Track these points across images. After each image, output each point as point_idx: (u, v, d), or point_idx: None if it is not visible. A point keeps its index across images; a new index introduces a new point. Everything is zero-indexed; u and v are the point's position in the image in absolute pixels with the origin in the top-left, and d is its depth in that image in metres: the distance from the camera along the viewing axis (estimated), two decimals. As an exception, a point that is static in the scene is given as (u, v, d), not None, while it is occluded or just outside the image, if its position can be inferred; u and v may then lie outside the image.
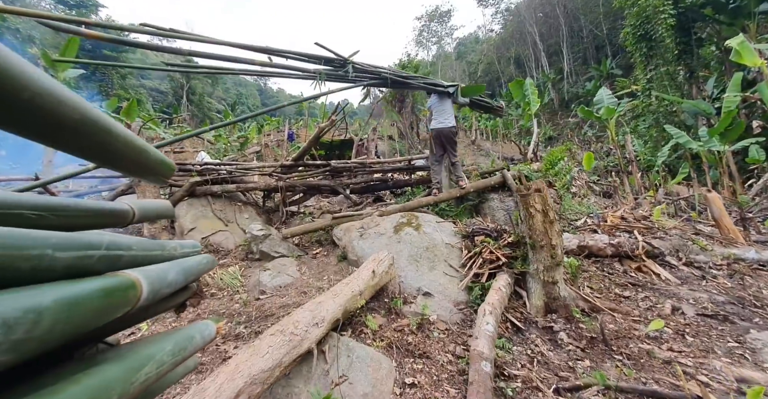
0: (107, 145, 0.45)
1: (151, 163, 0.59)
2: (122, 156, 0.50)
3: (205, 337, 0.73)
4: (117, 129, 0.46)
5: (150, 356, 0.51)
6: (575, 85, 40.64)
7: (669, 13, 12.70)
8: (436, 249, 3.44)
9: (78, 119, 0.37)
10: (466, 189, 4.97)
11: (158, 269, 0.60)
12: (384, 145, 18.62)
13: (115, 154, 0.48)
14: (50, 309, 0.32)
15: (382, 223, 3.97)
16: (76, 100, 0.37)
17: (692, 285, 3.36)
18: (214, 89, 67.92)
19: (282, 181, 5.21)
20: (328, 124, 4.67)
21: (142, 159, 0.55)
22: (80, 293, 0.37)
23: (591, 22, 43.70)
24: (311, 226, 4.40)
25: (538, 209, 2.83)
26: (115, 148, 0.46)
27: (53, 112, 0.34)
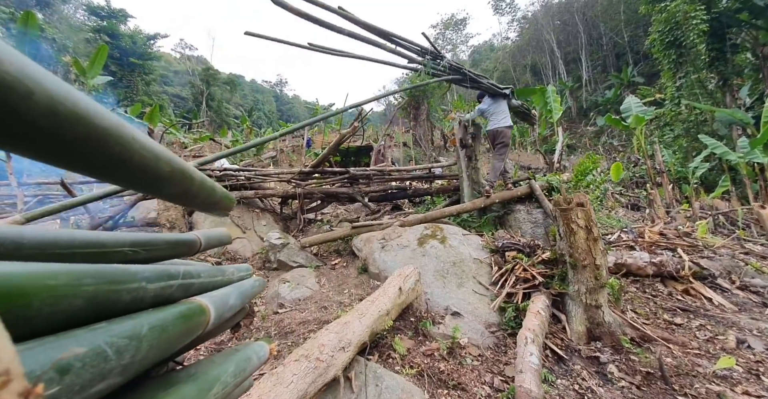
0: (188, 190, 0.51)
1: (218, 199, 0.64)
2: (197, 196, 0.56)
3: (261, 358, 0.77)
4: (195, 174, 0.52)
5: (216, 377, 0.55)
6: (594, 93, 39.78)
7: (701, 19, 12.20)
8: (463, 264, 3.22)
9: (169, 171, 0.43)
10: (491, 198, 4.74)
11: (221, 294, 0.64)
12: (398, 153, 18.51)
13: (193, 195, 0.54)
14: (147, 336, 0.36)
15: (404, 234, 3.78)
16: (168, 155, 0.42)
17: (752, 313, 3.03)
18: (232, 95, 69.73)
19: (300, 188, 5.10)
20: (350, 130, 4.54)
21: (211, 196, 0.61)
22: (166, 320, 0.42)
23: (611, 30, 42.93)
24: (330, 235, 4.26)
25: (581, 225, 2.59)
26: (193, 191, 0.53)
27: (153, 168, 0.40)
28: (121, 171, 0.36)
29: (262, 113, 74.17)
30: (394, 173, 5.81)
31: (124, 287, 0.39)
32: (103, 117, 0.32)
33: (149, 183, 0.42)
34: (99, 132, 0.31)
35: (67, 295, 0.32)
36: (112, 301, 0.38)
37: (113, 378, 0.31)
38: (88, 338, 0.31)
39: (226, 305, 0.63)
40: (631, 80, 33.16)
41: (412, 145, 18.13)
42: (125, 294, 0.39)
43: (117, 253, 0.55)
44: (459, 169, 5.44)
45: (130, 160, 0.36)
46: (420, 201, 6.41)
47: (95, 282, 0.36)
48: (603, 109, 34.03)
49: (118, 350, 0.32)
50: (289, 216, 5.46)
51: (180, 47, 71.98)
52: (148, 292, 0.43)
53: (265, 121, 65.79)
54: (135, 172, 0.38)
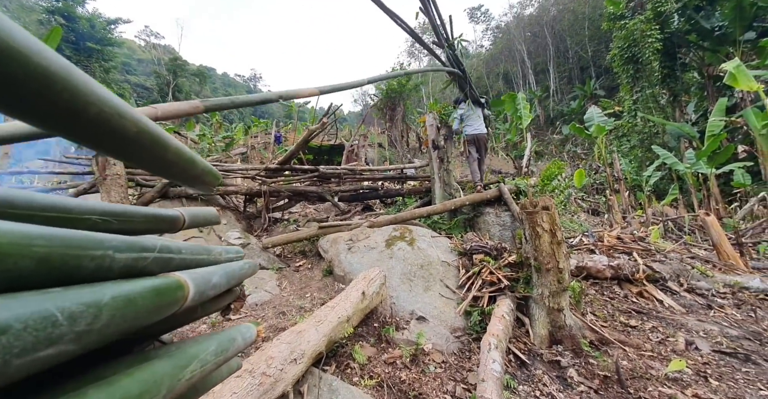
0: (161, 157, 0.49)
1: (198, 173, 0.62)
2: (173, 166, 0.54)
3: (246, 340, 0.77)
4: (169, 141, 0.50)
5: (194, 355, 0.55)
6: (560, 103, 41.91)
7: (656, 38, 13.13)
8: (431, 267, 3.15)
9: (136, 132, 0.41)
10: (461, 200, 4.74)
11: (204, 272, 0.62)
12: (373, 153, 18.40)
13: (167, 164, 0.52)
14: (108, 305, 0.35)
15: (372, 235, 3.66)
16: (135, 114, 0.40)
17: (699, 315, 3.19)
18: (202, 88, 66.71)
19: (266, 186, 4.84)
20: (318, 126, 4.36)
21: (190, 169, 0.59)
22: (135, 291, 0.40)
23: (577, 44, 45.50)
24: (295, 235, 4.05)
25: (546, 229, 2.59)
26: (167, 158, 0.51)
27: (115, 125, 0.37)
28: (75, 124, 0.33)
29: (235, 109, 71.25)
30: (365, 173, 5.68)
31: (86, 253, 0.37)
32: (46, 56, 0.28)
33: (112, 142, 0.39)
34: (40, 72, 0.28)
35: (11, 253, 0.30)
36: (71, 267, 0.36)
37: (65, 345, 0.30)
38: (35, 301, 0.30)
39: (209, 283, 0.61)
40: (593, 92, 35.25)
41: (388, 146, 18.09)
42: (87, 261, 0.38)
43: (84, 221, 0.51)
44: (431, 170, 5.41)
45: (84, 112, 0.33)
46: (391, 202, 6.33)
47: (48, 244, 0.33)
48: (568, 119, 35.90)
49: (71, 316, 0.31)
50: (254, 215, 5.17)
51: (145, 34, 67.73)
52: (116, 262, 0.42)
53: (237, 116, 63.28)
54: (91, 127, 0.35)
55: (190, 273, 0.57)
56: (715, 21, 13.42)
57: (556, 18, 47.77)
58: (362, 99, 70.01)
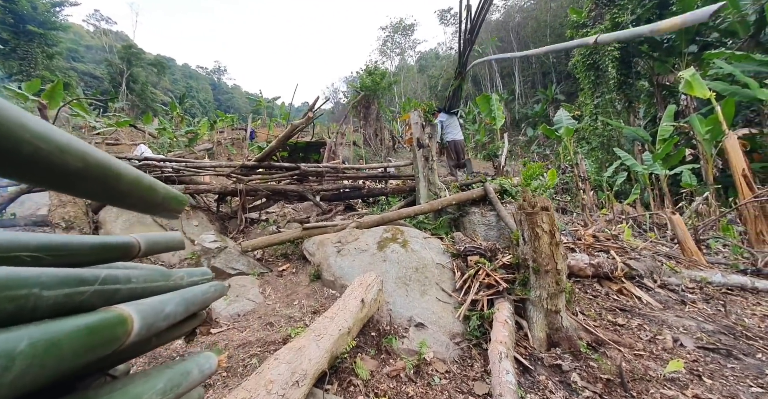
0: (113, 188, 0.46)
1: (159, 200, 0.59)
2: (129, 196, 0.51)
3: (204, 371, 0.71)
4: (124, 171, 0.47)
5: (137, 395, 0.50)
6: (525, 106, 43.91)
7: (614, 46, 14.01)
8: (426, 270, 3.04)
9: (81, 167, 0.38)
10: (448, 200, 4.69)
11: (155, 302, 0.59)
12: (348, 151, 18.11)
13: (122, 195, 0.49)
14: (24, 353, 0.32)
15: (362, 237, 3.49)
16: (79, 147, 0.38)
17: (675, 310, 3.35)
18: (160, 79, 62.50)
19: (242, 184, 4.49)
20: (303, 121, 4.09)
21: (149, 197, 0.56)
22: (60, 333, 0.36)
23: (541, 50, 47.63)
24: (277, 237, 3.78)
25: (546, 230, 2.57)
26: (121, 189, 0.48)
27: (56, 162, 0.35)
28: (7, 164, 0.31)
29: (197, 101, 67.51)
30: (348, 171, 5.48)
31: (3, 295, 0.34)
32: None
33: (53, 179, 0.37)
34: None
35: None
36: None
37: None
38: None
39: (160, 314, 0.58)
40: (554, 97, 37.26)
41: (363, 145, 17.89)
42: (5, 303, 0.34)
43: (9, 259, 0.46)
44: (415, 169, 5.32)
45: (16, 152, 0.31)
46: (374, 201, 6.17)
47: None
48: (532, 121, 37.70)
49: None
50: (228, 215, 4.79)
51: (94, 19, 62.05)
52: (43, 300, 0.38)
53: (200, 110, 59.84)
54: (27, 166, 0.33)
55: (137, 304, 0.53)
56: (664, 34, 14.62)
57: (520, 24, 49.92)
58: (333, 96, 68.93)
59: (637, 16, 14.38)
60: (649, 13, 14.65)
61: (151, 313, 0.54)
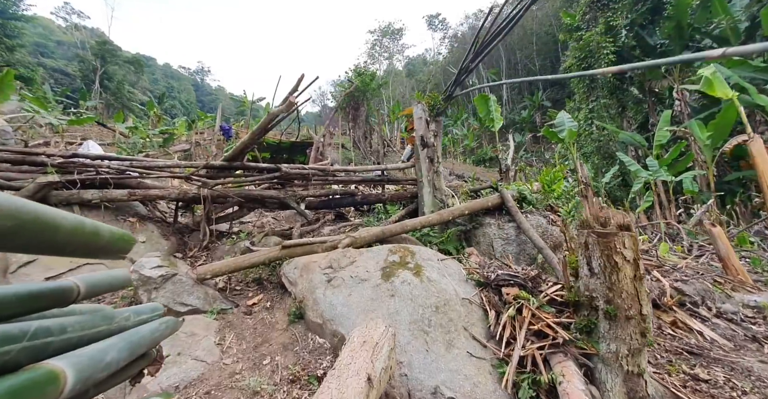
0: (51, 240, 0.45)
1: (104, 243, 0.57)
2: (69, 245, 0.49)
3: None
4: (61, 222, 0.46)
5: None
6: (512, 112, 44.24)
7: (610, 50, 13.75)
8: (449, 308, 2.23)
9: (12, 226, 0.37)
10: (459, 209, 3.92)
11: (93, 352, 0.56)
12: (336, 154, 17.22)
13: (61, 245, 0.48)
14: None
15: (360, 259, 2.65)
16: (10, 205, 0.37)
17: (750, 351, 2.66)
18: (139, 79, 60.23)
19: (208, 188, 3.59)
20: (282, 108, 3.22)
21: (91, 243, 0.54)
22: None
23: (526, 57, 48.68)
24: (247, 259, 2.89)
25: (627, 259, 1.81)
26: (59, 240, 0.46)
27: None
28: None
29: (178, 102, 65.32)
30: (339, 174, 4.64)
31: None
32: None
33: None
34: None
35: None
36: None
37: None
38: None
39: (100, 363, 0.54)
40: (541, 103, 37.63)
41: (352, 148, 17.05)
42: None
43: None
44: (417, 172, 4.54)
45: None
46: (369, 209, 5.35)
47: None
48: (519, 127, 37.87)
49: None
50: (189, 227, 3.86)
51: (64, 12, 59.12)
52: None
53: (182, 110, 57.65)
54: None
55: (72, 357, 0.51)
56: (657, 39, 14.52)
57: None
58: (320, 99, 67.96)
59: (631, 19, 14.23)
60: (642, 18, 14.54)
61: (89, 365, 0.51)
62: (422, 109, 4.43)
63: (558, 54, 43.49)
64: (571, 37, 16.32)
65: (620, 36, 14.68)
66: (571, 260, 2.17)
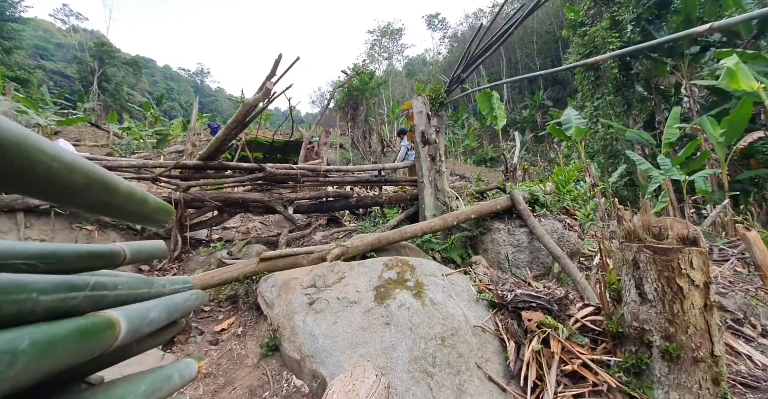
0: (111, 202, 0.50)
1: (150, 211, 0.62)
2: (124, 208, 0.54)
3: (184, 377, 0.73)
4: (120, 185, 0.50)
5: (122, 396, 0.53)
6: (512, 111, 43.90)
7: (616, 45, 13.33)
8: (458, 340, 1.79)
9: (85, 183, 0.42)
10: (465, 213, 3.48)
11: (140, 308, 0.61)
12: (334, 154, 16.80)
13: (118, 208, 0.53)
14: (26, 351, 0.34)
15: (350, 275, 2.22)
16: (83, 164, 0.42)
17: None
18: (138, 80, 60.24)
19: (180, 191, 3.16)
20: (260, 96, 2.78)
21: (141, 209, 0.59)
22: (56, 334, 0.39)
23: (527, 56, 48.39)
24: (216, 276, 2.46)
25: (696, 283, 1.37)
26: (117, 202, 0.51)
27: (65, 179, 0.39)
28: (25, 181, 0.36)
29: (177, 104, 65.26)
30: (332, 174, 4.21)
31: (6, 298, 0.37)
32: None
33: (58, 194, 0.42)
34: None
35: None
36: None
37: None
38: None
39: (145, 319, 0.60)
40: (542, 102, 37.27)
41: (350, 148, 16.62)
42: (8, 305, 0.37)
43: (8, 266, 0.51)
44: (418, 172, 4.10)
45: (32, 172, 0.35)
46: (365, 212, 4.92)
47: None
48: (520, 126, 37.48)
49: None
50: (160, 236, 3.43)
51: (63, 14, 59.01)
52: (40, 304, 0.41)
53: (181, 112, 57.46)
54: (40, 184, 0.37)
55: (124, 310, 0.56)
56: (664, 34, 14.07)
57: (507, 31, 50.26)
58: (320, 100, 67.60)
59: (638, 14, 13.79)
60: (648, 13, 14.10)
61: (137, 319, 0.56)
62: (423, 102, 4.00)
63: (558, 53, 43.21)
64: (574, 33, 15.88)
65: (626, 31, 14.26)
66: (611, 280, 1.73)
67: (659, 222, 1.50)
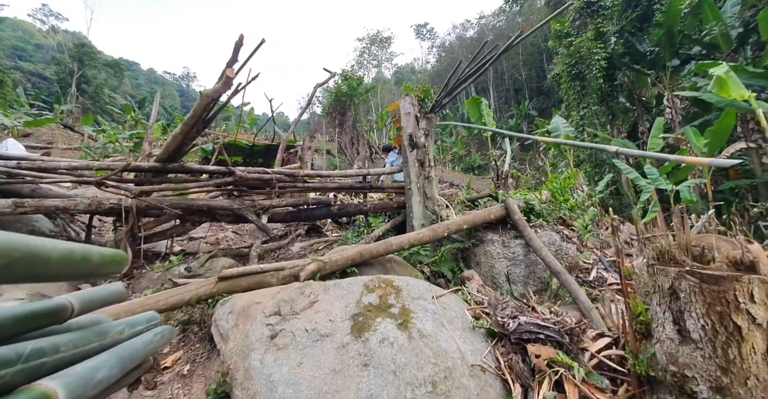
0: (41, 273, 0.48)
1: (93, 268, 0.59)
2: (59, 273, 0.52)
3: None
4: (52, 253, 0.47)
5: None
6: (499, 120, 44.57)
7: (601, 56, 13.53)
8: (453, 384, 1.45)
9: (6, 263, 0.40)
10: (457, 223, 3.18)
11: (85, 370, 0.58)
12: (321, 160, 16.43)
13: (52, 275, 0.51)
14: None
15: (323, 298, 1.86)
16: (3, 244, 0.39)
17: None
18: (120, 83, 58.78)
19: (132, 198, 2.75)
20: (220, 86, 2.40)
21: (81, 268, 0.57)
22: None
23: (512, 67, 49.60)
24: (163, 299, 2.05)
25: (758, 321, 1.08)
26: (50, 271, 0.49)
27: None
28: None
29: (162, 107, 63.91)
30: (311, 180, 3.85)
31: None
32: None
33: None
34: None
35: None
36: None
37: None
38: None
39: (90, 382, 0.56)
40: (527, 112, 38.07)
41: (337, 154, 16.28)
42: None
43: None
44: (405, 178, 3.79)
45: None
46: (348, 221, 4.56)
47: None
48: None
49: None
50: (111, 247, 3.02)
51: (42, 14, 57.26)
52: None
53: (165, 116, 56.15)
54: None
55: (65, 376, 0.53)
56: (646, 46, 14.41)
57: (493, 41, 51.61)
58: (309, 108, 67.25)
59: (621, 26, 14.09)
60: (631, 25, 14.43)
61: (80, 384, 0.53)
62: (411, 103, 3.71)
63: (543, 64, 44.38)
64: (560, 44, 16.13)
65: (609, 43, 14.54)
66: (636, 309, 1.42)
67: (700, 240, 1.21)
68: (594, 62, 13.48)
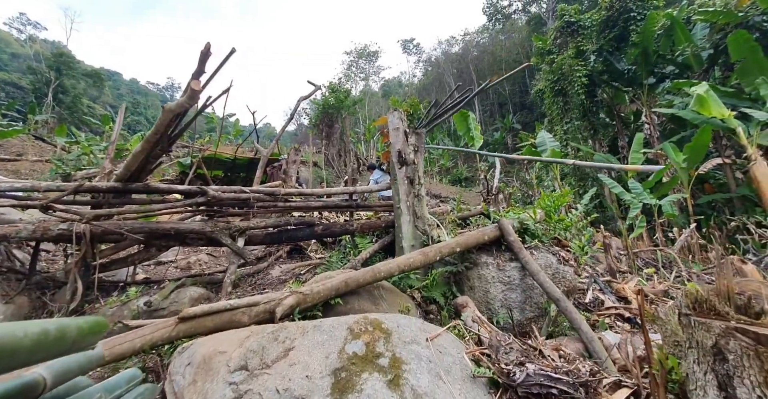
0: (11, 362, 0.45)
1: (71, 342, 0.56)
2: (32, 359, 0.49)
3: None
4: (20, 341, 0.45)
5: None
6: (484, 133, 45.46)
7: (582, 73, 13.95)
8: (455, 460, 1.18)
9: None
10: (449, 245, 2.96)
11: None
12: (308, 173, 16.12)
13: (23, 362, 0.48)
14: None
15: (300, 344, 1.59)
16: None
17: None
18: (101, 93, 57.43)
19: (85, 222, 2.42)
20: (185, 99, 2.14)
21: (58, 347, 0.54)
22: None
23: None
24: (108, 347, 1.73)
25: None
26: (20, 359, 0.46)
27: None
28: None
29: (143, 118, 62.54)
30: (294, 199, 3.58)
31: None
32: None
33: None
34: None
35: None
36: None
37: None
38: None
39: None
40: (512, 126, 39.07)
41: (324, 166, 16.03)
42: None
43: None
44: (394, 196, 3.58)
45: None
46: (334, 241, 4.29)
47: None
48: (492, 149, 38.83)
49: None
50: (58, 280, 2.61)
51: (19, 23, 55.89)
52: None
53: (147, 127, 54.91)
54: None
55: None
56: (624, 64, 15.00)
57: (478, 57, 53.37)
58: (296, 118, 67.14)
59: (600, 45, 14.64)
60: (609, 45, 15.02)
61: None
62: (399, 118, 3.54)
63: (526, 80, 45.90)
64: (543, 61, 16.64)
65: (589, 61, 15.07)
66: (668, 364, 1.22)
67: (743, 286, 1.03)
68: (576, 79, 13.90)
